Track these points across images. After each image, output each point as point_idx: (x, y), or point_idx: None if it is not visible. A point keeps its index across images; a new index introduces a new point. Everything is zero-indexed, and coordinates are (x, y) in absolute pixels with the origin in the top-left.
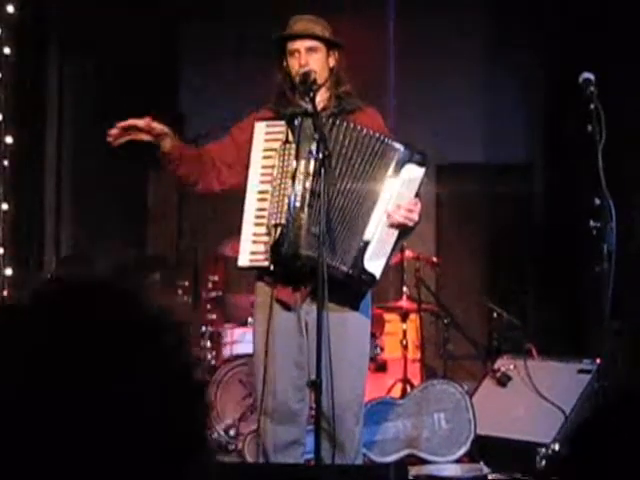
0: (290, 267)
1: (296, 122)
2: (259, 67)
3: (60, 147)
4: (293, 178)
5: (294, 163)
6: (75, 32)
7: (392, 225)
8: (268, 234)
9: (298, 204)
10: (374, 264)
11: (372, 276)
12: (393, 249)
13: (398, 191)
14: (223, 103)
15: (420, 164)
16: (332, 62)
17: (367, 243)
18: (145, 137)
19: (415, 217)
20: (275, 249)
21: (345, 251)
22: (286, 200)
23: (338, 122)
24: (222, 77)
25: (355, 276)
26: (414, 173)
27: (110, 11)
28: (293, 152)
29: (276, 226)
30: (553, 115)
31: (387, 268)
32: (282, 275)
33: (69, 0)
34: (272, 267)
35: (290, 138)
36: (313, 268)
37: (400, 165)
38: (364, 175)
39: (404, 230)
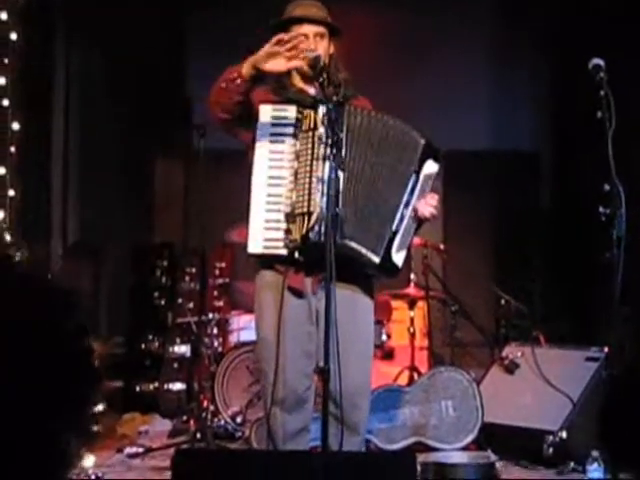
0: (317, 256)
1: (322, 109)
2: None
3: (67, 133)
4: (323, 166)
5: (323, 150)
6: (82, 17)
7: (417, 218)
8: (290, 221)
9: (332, 192)
10: (399, 255)
11: (397, 267)
12: (412, 241)
13: (420, 186)
14: None
15: (437, 160)
16: (332, 49)
17: (395, 234)
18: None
19: (436, 212)
20: (306, 238)
21: (379, 241)
22: (318, 186)
23: (359, 110)
24: (228, 62)
25: (384, 267)
26: (432, 168)
27: None
28: (322, 139)
29: (304, 214)
30: (560, 102)
31: (406, 259)
32: (298, 263)
33: None
34: (297, 255)
35: (318, 125)
36: (342, 255)
37: (423, 159)
38: (389, 164)
39: (420, 223)
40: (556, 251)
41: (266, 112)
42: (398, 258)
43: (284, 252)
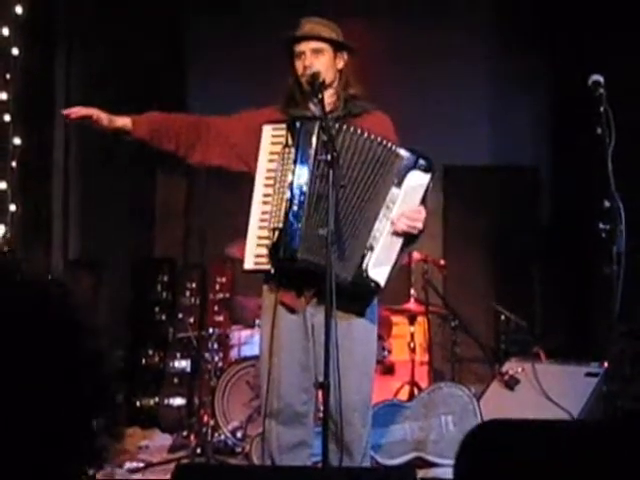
0: (288, 271)
1: (297, 126)
2: (263, 58)
3: (68, 148)
4: (291, 182)
5: (292, 167)
6: (82, 33)
7: (396, 233)
8: (269, 238)
9: (295, 207)
10: (378, 271)
11: (376, 283)
12: (398, 256)
13: (402, 198)
14: (227, 95)
15: (425, 170)
16: (340, 64)
17: (371, 250)
18: (97, 126)
19: (419, 225)
20: (273, 253)
21: (348, 258)
22: (284, 204)
23: (344, 126)
24: (227, 78)
25: (359, 284)
26: (419, 180)
27: (116, 10)
28: (292, 156)
29: (274, 230)
30: (560, 117)
31: (393, 275)
32: (285, 279)
33: (76, 1)
34: (272, 270)
35: (289, 142)
36: (312, 272)
37: (404, 172)
38: (366, 180)
39: (410, 238)
40: (556, 267)
41: (267, 132)
42: (377, 274)
43: (269, 268)
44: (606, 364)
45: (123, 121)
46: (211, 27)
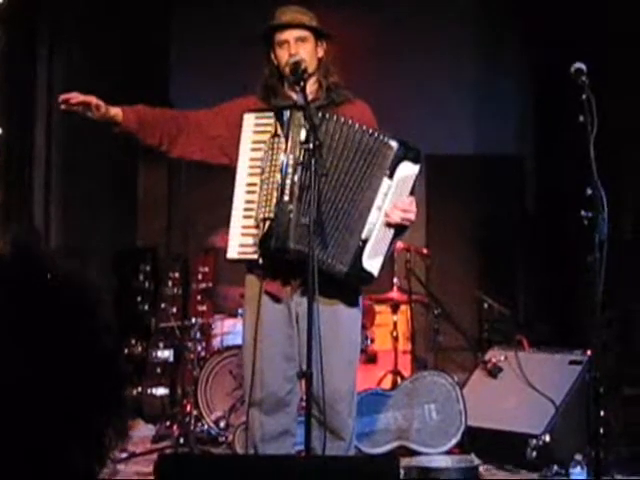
0: (279, 261)
1: (285, 115)
2: (247, 54)
3: (49, 138)
4: (281, 171)
5: (282, 156)
6: (65, 23)
7: (389, 224)
8: (257, 227)
9: (287, 197)
10: (372, 262)
11: (371, 275)
12: (390, 247)
13: (394, 189)
14: (212, 91)
15: (415, 161)
16: (320, 52)
17: (365, 242)
18: (90, 115)
19: (412, 217)
20: (263, 243)
21: (344, 250)
22: (275, 194)
23: (328, 115)
24: (210, 70)
25: (354, 275)
26: (409, 171)
27: (100, 2)
28: (282, 145)
29: (264, 220)
30: (544, 105)
31: (384, 265)
32: (271, 268)
33: None
34: (260, 260)
35: (279, 131)
36: (303, 262)
37: (395, 163)
38: (357, 171)
39: (400, 229)
40: (539, 255)
41: (249, 120)
42: (371, 266)
43: (255, 257)
44: (589, 352)
45: (115, 111)
46: (194, 19)
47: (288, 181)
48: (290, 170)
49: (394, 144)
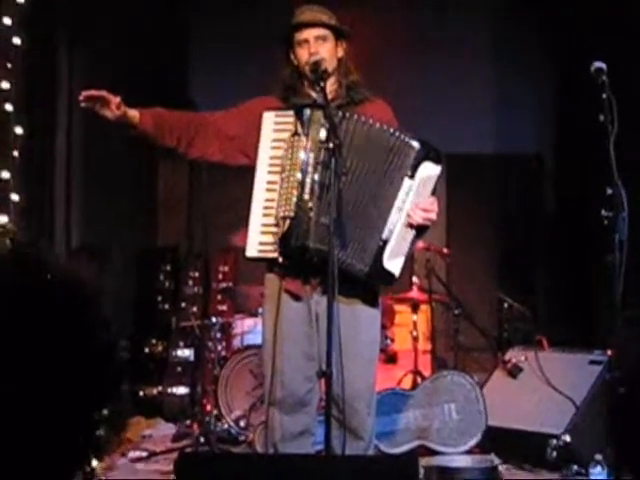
0: (299, 260)
1: (306, 114)
2: (269, 53)
3: (70, 137)
4: (302, 170)
5: (303, 155)
6: (85, 21)
7: (410, 225)
8: (276, 225)
9: (307, 196)
10: (393, 263)
11: (392, 275)
12: (411, 247)
13: (415, 190)
14: (232, 89)
15: (436, 162)
16: (340, 52)
17: (386, 242)
18: (108, 114)
19: (433, 217)
20: (283, 242)
21: (364, 250)
22: (295, 192)
23: (348, 114)
24: (230, 66)
25: (375, 275)
26: (430, 171)
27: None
28: (302, 144)
29: (284, 218)
30: (564, 105)
31: (405, 266)
32: (291, 267)
33: None
34: (280, 259)
35: (299, 130)
36: (323, 261)
37: (417, 163)
38: (378, 171)
39: (421, 229)
40: (559, 254)
41: (269, 119)
42: (392, 266)
43: (275, 255)
44: (609, 352)
45: (133, 112)
46: (213, 15)
47: (308, 180)
48: (310, 169)
49: (416, 144)
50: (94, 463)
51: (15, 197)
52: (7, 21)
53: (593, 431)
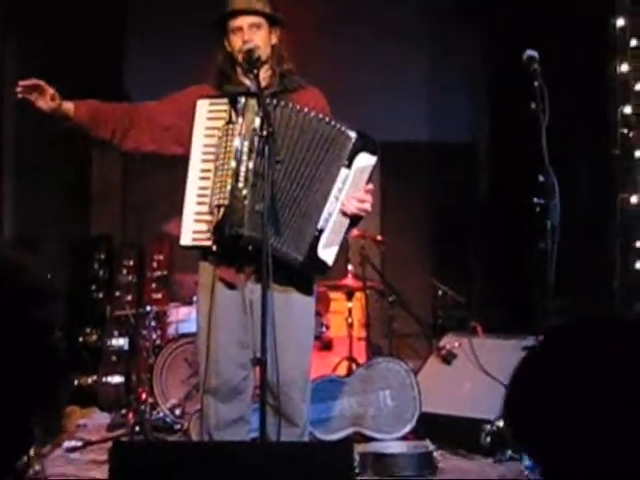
0: (233, 248)
1: (240, 102)
2: (202, 41)
3: (1, 128)
4: (236, 158)
5: (237, 143)
6: (19, 12)
7: (345, 214)
8: (211, 214)
9: (241, 184)
10: (327, 252)
11: (325, 264)
12: (345, 237)
13: (351, 180)
14: (168, 80)
15: (373, 152)
16: (274, 39)
17: (322, 231)
18: (43, 105)
19: (368, 207)
20: (218, 230)
21: (300, 238)
22: (229, 180)
23: (283, 103)
24: (166, 57)
25: (309, 265)
26: (367, 161)
27: None
28: (237, 132)
29: (219, 207)
30: (498, 93)
31: (339, 255)
32: (225, 255)
33: None
34: (214, 247)
35: (233, 118)
36: (257, 249)
37: (354, 153)
38: (314, 160)
39: (355, 218)
40: (493, 242)
41: (202, 106)
42: (326, 255)
43: (209, 244)
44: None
45: (67, 105)
46: (151, 18)
47: (242, 168)
48: (245, 157)
49: (353, 135)
50: (30, 453)
51: None
52: None
53: None
